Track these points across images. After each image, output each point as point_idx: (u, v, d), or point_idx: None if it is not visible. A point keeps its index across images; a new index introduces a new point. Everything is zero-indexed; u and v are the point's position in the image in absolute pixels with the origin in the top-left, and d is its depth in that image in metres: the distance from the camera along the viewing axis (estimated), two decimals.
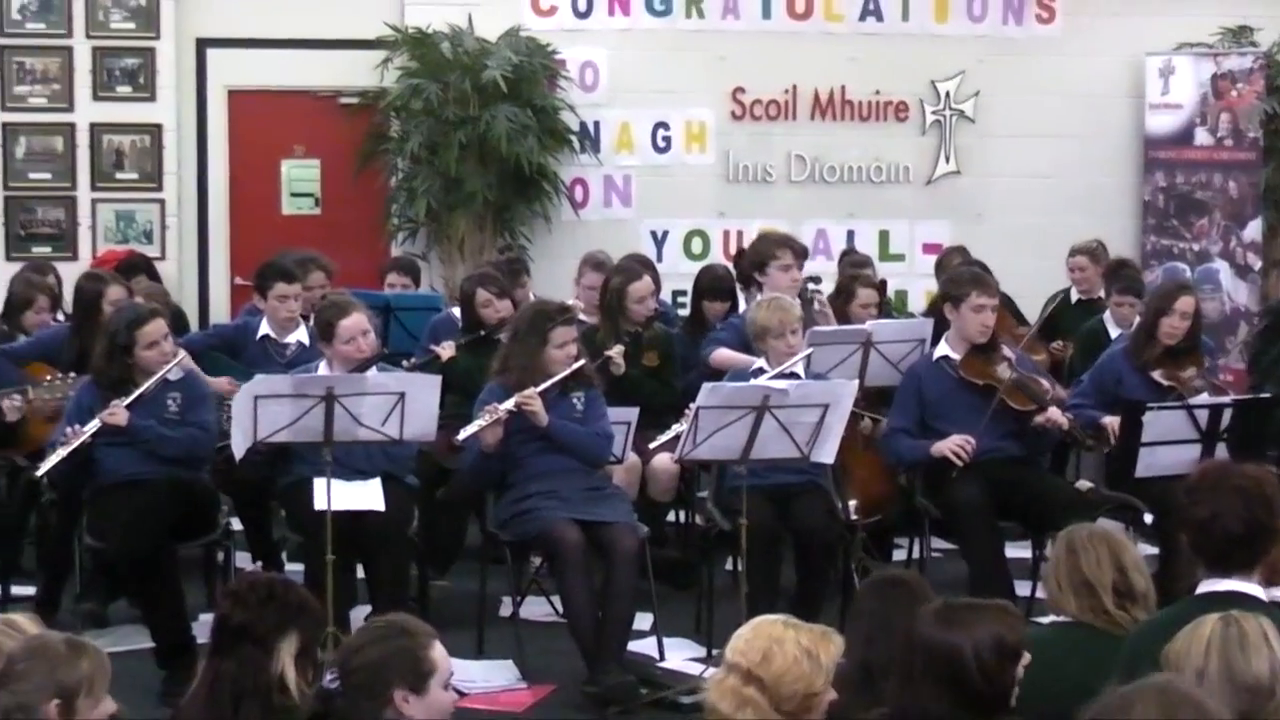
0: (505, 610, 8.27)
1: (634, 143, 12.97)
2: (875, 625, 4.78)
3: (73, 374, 8.12)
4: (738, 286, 9.84)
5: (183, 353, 7.98)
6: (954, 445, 8.03)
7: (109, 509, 7.54)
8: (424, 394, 7.44)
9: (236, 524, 8.44)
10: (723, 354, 8.87)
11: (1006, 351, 8.38)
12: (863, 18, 13.03)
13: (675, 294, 11.73)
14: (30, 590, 8.28)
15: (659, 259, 11.94)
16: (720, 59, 12.95)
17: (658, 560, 8.09)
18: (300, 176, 12.98)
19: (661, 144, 12.98)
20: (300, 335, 8.95)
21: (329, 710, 4.27)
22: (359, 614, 7.83)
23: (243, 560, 8.54)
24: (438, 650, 4.31)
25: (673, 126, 12.99)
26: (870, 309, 9.50)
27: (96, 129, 12.62)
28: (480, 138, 12.18)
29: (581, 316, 8.87)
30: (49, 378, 8.20)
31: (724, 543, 8.15)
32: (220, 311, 12.60)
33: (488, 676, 7.51)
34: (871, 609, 4.88)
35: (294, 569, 8.01)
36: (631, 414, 8.33)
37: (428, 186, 12.32)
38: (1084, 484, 8.66)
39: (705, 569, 8.22)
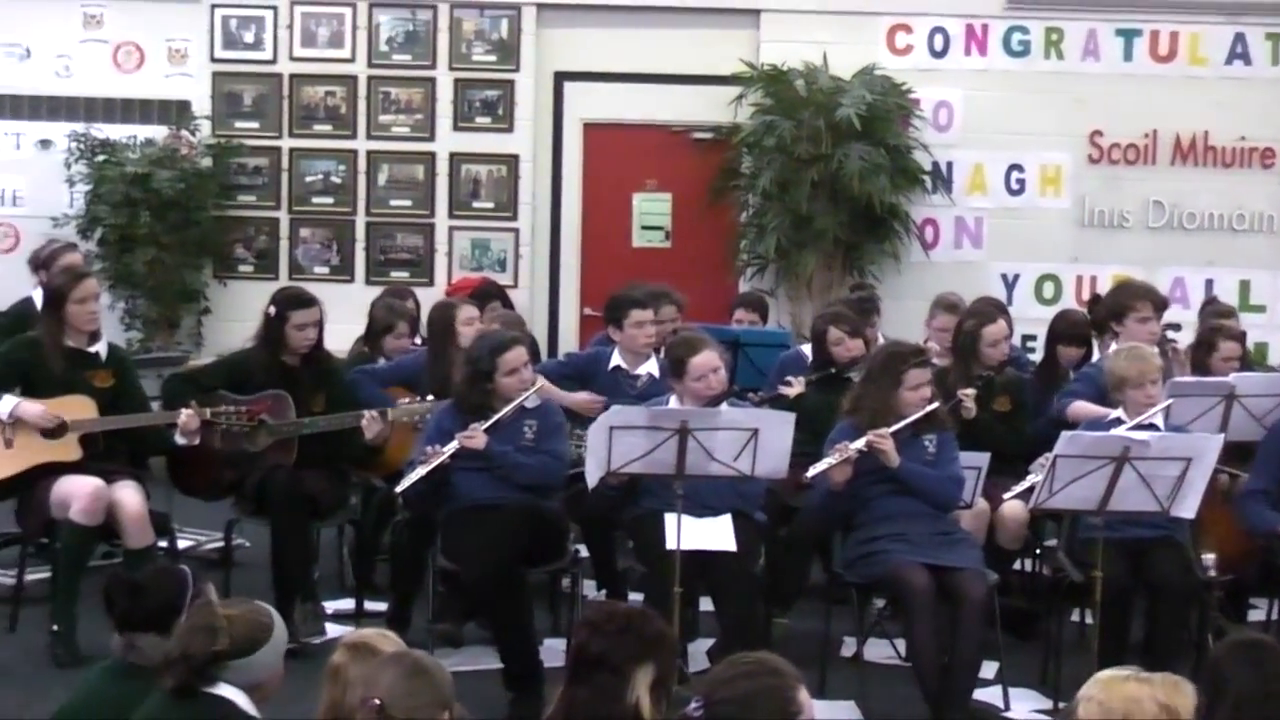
0: (847, 651, 8.21)
1: (987, 184, 12.86)
2: (1247, 692, 4.61)
3: (430, 397, 8.31)
4: (1092, 333, 9.65)
5: (541, 380, 8.09)
6: None
7: (463, 531, 7.66)
8: (778, 431, 7.36)
9: (584, 551, 8.54)
10: (1080, 406, 8.65)
11: None
12: (1229, 61, 12.75)
13: (1025, 338, 11.56)
14: (382, 606, 8.47)
15: (1009, 302, 11.80)
16: (1078, 101, 12.78)
17: (1002, 608, 7.96)
18: (651, 210, 13.16)
19: (1015, 186, 12.85)
20: (651, 367, 9.02)
21: None
22: (698, 648, 7.86)
23: (587, 588, 8.63)
24: (803, 694, 4.28)
25: (1027, 169, 12.86)
26: (1232, 361, 9.19)
27: (456, 158, 12.99)
28: (832, 175, 12.20)
29: (933, 359, 8.77)
30: (407, 401, 8.39)
31: (1072, 594, 7.98)
32: (569, 341, 12.81)
33: (831, 717, 7.45)
34: (1243, 675, 4.69)
35: (635, 598, 8.05)
36: (983, 459, 8.20)
37: (778, 223, 12.36)
38: None
39: (1054, 619, 8.06)
